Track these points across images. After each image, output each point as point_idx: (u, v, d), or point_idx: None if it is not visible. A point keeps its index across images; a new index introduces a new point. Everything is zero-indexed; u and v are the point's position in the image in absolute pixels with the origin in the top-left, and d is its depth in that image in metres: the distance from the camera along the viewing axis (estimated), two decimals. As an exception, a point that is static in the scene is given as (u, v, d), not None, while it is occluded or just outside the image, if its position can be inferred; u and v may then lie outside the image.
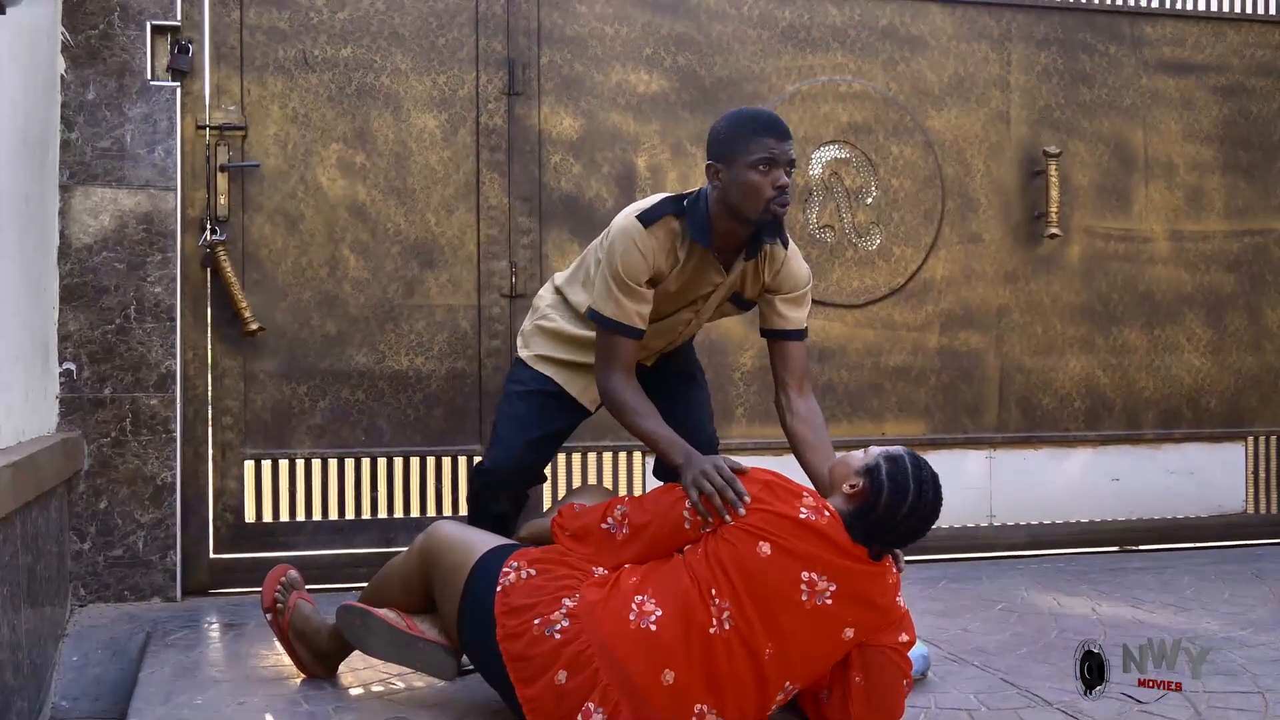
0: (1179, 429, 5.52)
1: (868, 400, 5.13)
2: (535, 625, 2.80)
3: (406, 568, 3.14)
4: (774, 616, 2.78)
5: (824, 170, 5.09)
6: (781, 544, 2.78)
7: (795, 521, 2.81)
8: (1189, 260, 5.52)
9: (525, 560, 2.94)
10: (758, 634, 2.77)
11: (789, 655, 2.81)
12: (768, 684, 2.81)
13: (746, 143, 3.16)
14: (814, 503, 2.86)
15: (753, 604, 2.77)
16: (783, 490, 2.87)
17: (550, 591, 2.86)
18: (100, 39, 4.24)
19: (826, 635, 2.83)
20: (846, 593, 2.81)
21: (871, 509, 2.86)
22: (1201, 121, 5.55)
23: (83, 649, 3.86)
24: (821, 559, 2.80)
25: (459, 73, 4.69)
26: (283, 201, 4.54)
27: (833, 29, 5.10)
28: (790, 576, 2.78)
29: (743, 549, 2.79)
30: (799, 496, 2.86)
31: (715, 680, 2.76)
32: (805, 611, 2.79)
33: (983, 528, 5.28)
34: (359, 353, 4.59)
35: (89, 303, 4.21)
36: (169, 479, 4.29)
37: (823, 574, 2.79)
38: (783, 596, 2.78)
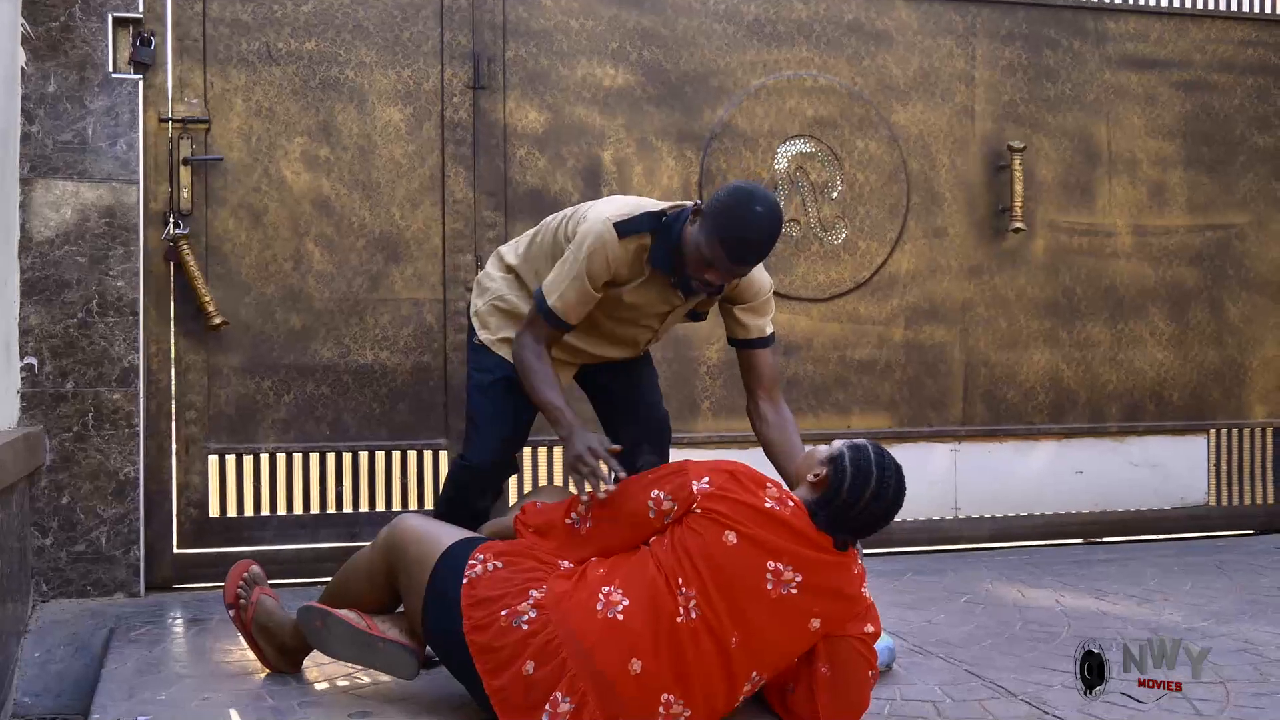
0: (1142, 422, 5.56)
1: (833, 394, 5.15)
2: (503, 616, 2.80)
3: (371, 562, 3.13)
4: (740, 606, 2.78)
5: (789, 165, 5.10)
6: (747, 533, 2.79)
7: (760, 511, 2.82)
8: (1152, 255, 5.56)
9: (491, 553, 2.94)
10: (724, 623, 2.78)
11: (755, 645, 2.82)
12: (735, 674, 2.82)
13: (718, 240, 3.11)
14: (777, 493, 2.87)
15: (719, 593, 2.78)
16: (747, 479, 2.88)
17: (517, 583, 2.86)
18: (61, 31, 4.21)
19: (793, 625, 2.84)
20: (812, 583, 2.83)
21: (835, 496, 2.88)
22: (1164, 117, 5.58)
23: (45, 645, 3.83)
24: (787, 549, 2.81)
25: (424, 66, 4.68)
26: (246, 195, 4.51)
27: (798, 24, 5.11)
28: (756, 566, 2.79)
29: (709, 538, 2.79)
30: (763, 486, 2.88)
31: (682, 670, 2.77)
32: (771, 601, 2.80)
33: (948, 520, 5.30)
34: (324, 347, 4.57)
35: (50, 297, 4.18)
36: (132, 474, 4.26)
37: (788, 564, 2.81)
38: (749, 586, 2.79)
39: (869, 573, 3.05)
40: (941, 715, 3.09)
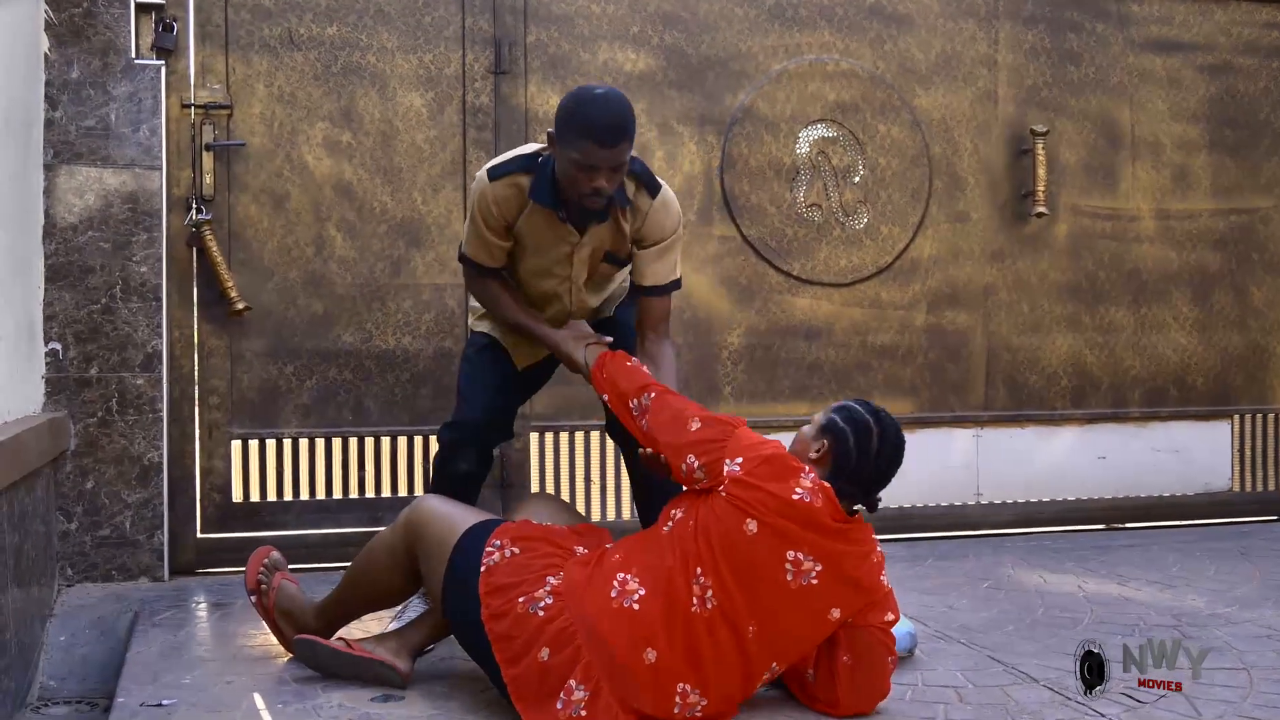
0: (1165, 407, 5.53)
1: (854, 379, 5.14)
2: (519, 604, 2.82)
3: (392, 543, 3.15)
4: (758, 595, 2.79)
5: (811, 149, 5.08)
6: (768, 522, 2.78)
7: (787, 503, 2.80)
8: (1175, 239, 5.53)
9: (509, 538, 2.95)
10: (741, 613, 2.78)
11: (773, 635, 2.82)
12: (752, 663, 2.83)
13: (572, 138, 3.16)
14: (810, 483, 2.84)
15: (736, 582, 2.78)
16: (782, 467, 2.86)
17: (535, 570, 2.87)
18: (84, 17, 4.21)
19: (812, 615, 2.85)
20: (832, 574, 2.83)
21: (846, 458, 2.90)
22: (1188, 100, 5.55)
23: (70, 629, 3.86)
24: (808, 539, 2.80)
25: (445, 51, 4.67)
26: (268, 181, 4.52)
27: (820, 7, 5.09)
28: (776, 555, 2.79)
29: (729, 524, 2.79)
30: (796, 475, 2.85)
31: (697, 660, 2.77)
32: (790, 591, 2.80)
33: (969, 506, 5.29)
34: (346, 332, 4.58)
35: (74, 282, 4.19)
36: (156, 459, 4.28)
37: (809, 554, 2.80)
38: (768, 576, 2.79)
39: (889, 558, 3.05)
40: (963, 701, 3.09)
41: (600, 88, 3.26)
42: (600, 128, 3.14)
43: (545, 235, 3.43)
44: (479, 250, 3.49)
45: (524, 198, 3.37)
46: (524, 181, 3.37)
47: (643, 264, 3.50)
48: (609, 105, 3.19)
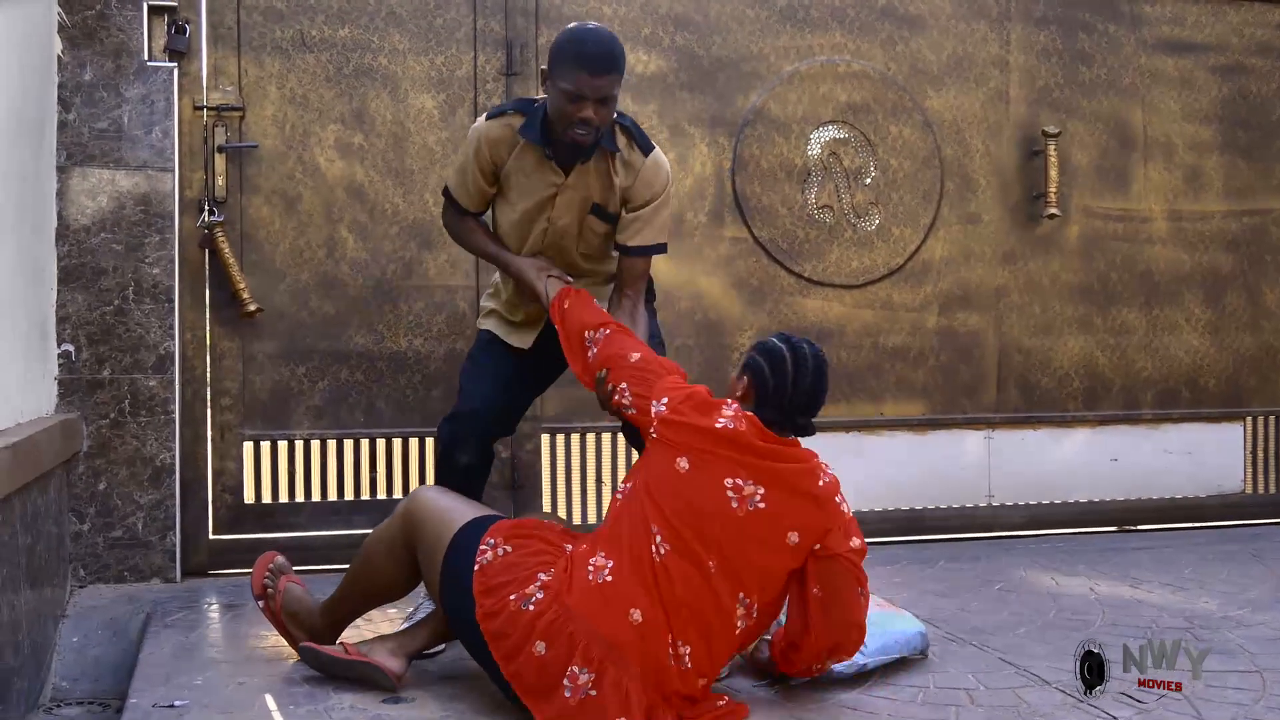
0: (1177, 409, 5.52)
1: (866, 381, 5.13)
2: (512, 601, 2.86)
3: (391, 536, 3.18)
4: (708, 529, 2.85)
5: (822, 150, 5.08)
6: (698, 454, 2.88)
7: (710, 431, 2.90)
8: (1188, 240, 5.52)
9: (501, 536, 2.98)
10: (695, 550, 2.84)
11: (733, 566, 2.86)
12: (720, 598, 2.86)
13: (564, 69, 3.30)
14: (732, 413, 2.93)
15: (681, 521, 2.84)
16: (703, 402, 2.97)
17: (527, 568, 2.91)
18: (97, 19, 4.23)
19: (768, 540, 2.89)
20: (778, 493, 2.89)
21: (767, 391, 2.98)
22: (1201, 101, 5.54)
23: (83, 630, 3.87)
24: (742, 462, 2.88)
25: (457, 53, 4.68)
26: (281, 182, 4.53)
27: (831, 8, 5.09)
28: (715, 486, 2.86)
29: (663, 467, 2.89)
30: (718, 407, 2.94)
31: (673, 606, 2.82)
32: (739, 519, 2.86)
33: (981, 508, 5.28)
34: (358, 334, 4.59)
35: (87, 284, 4.21)
36: (168, 460, 4.29)
37: (747, 478, 2.87)
38: (712, 508, 2.86)
39: (899, 560, 3.05)
40: (975, 703, 3.09)
41: (592, 24, 3.43)
42: (590, 56, 3.28)
43: (532, 177, 3.51)
44: (460, 188, 3.62)
45: (515, 137, 3.47)
46: (516, 122, 3.48)
47: (630, 223, 3.56)
48: (600, 37, 3.34)
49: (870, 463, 5.12)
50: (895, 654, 3.33)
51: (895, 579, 4.42)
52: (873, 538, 5.01)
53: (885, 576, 4.43)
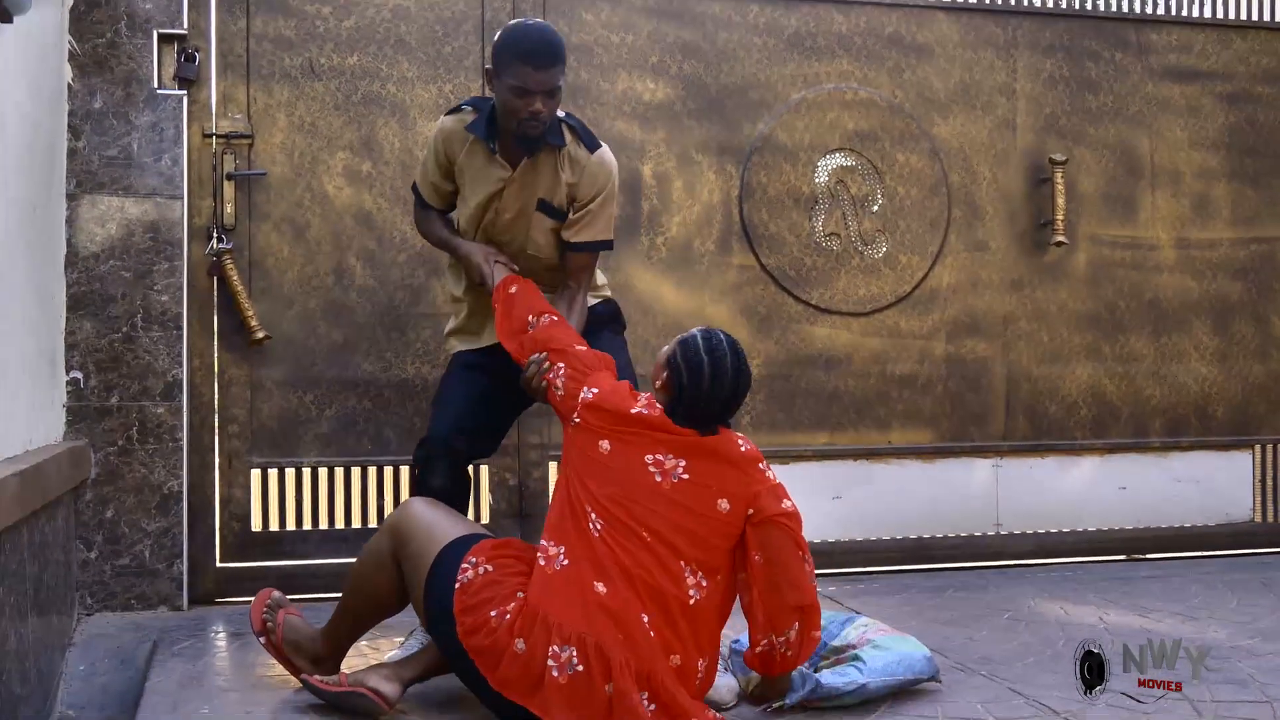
0: (1186, 437, 5.51)
1: (874, 408, 5.13)
2: (492, 618, 2.91)
3: (380, 550, 3.21)
4: (635, 503, 2.97)
5: (830, 178, 5.09)
6: (619, 438, 3.02)
7: (628, 415, 3.05)
8: (1196, 268, 5.52)
9: (483, 556, 3.03)
10: (627, 523, 2.95)
11: (667, 536, 2.96)
12: (665, 564, 2.95)
13: (509, 65, 3.41)
14: (646, 402, 3.09)
15: (610, 500, 2.97)
16: (625, 392, 3.13)
17: (507, 587, 2.97)
18: (107, 48, 4.25)
19: (696, 508, 3.00)
20: (698, 462, 3.03)
21: (682, 392, 3.07)
22: (1208, 129, 5.54)
23: (89, 658, 3.86)
24: (661, 440, 3.03)
25: (465, 81, 4.69)
26: (289, 210, 4.54)
27: (838, 37, 5.10)
28: (636, 463, 3.00)
29: (587, 451, 3.05)
30: (636, 398, 3.10)
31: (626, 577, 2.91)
32: (664, 491, 2.99)
33: (989, 536, 5.27)
34: (366, 361, 4.59)
35: (96, 311, 4.21)
36: (175, 488, 4.28)
37: (667, 452, 3.02)
38: (637, 483, 2.99)
39: (908, 588, 3.05)
40: (984, 734, 3.08)
41: (532, 19, 3.65)
42: (533, 52, 3.39)
43: (481, 172, 3.63)
44: (423, 183, 3.80)
45: (466, 133, 3.60)
46: (469, 116, 3.62)
47: (576, 220, 3.66)
48: (541, 31, 3.48)
49: (878, 491, 5.11)
50: (900, 675, 3.29)
51: (904, 608, 4.41)
52: (880, 566, 5.07)
53: (894, 605, 4.42)
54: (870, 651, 3.30)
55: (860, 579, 4.95)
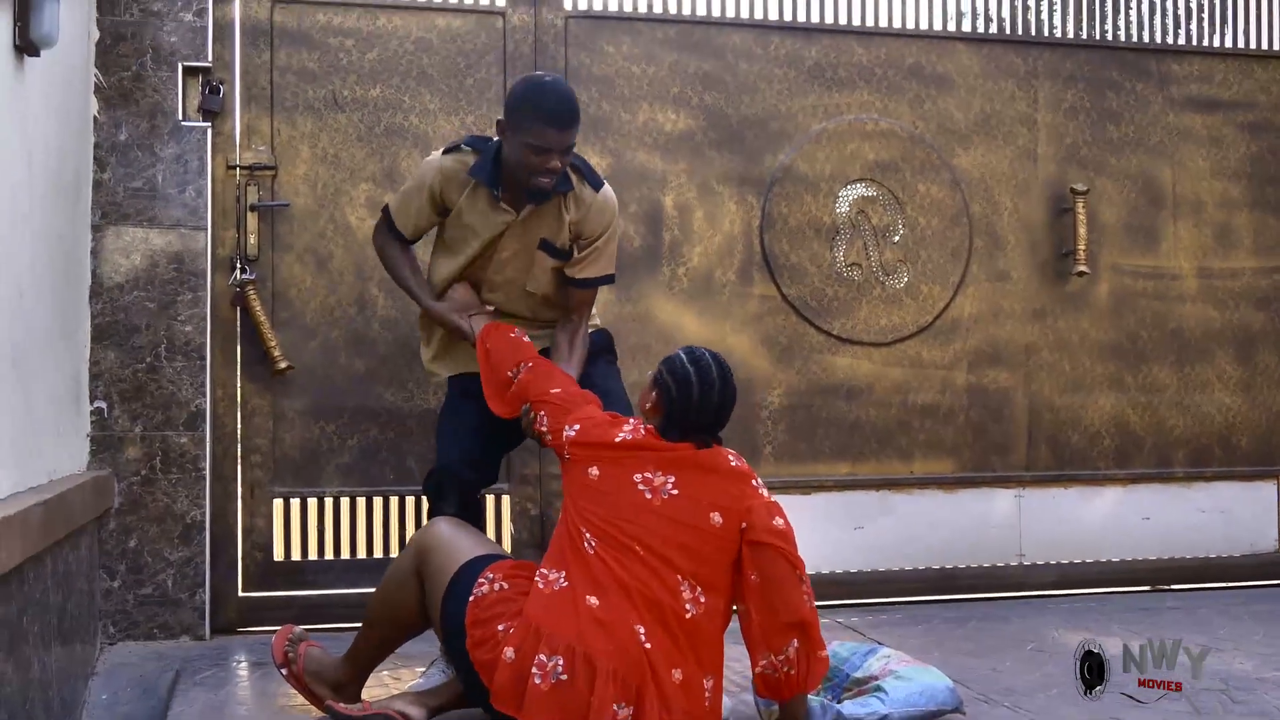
0: (1210, 467, 5.48)
1: (895, 438, 5.12)
2: (499, 632, 2.95)
3: (403, 566, 3.25)
4: (628, 521, 3.00)
5: (851, 208, 5.09)
6: (606, 464, 3.08)
7: (614, 445, 3.10)
8: (1218, 298, 5.50)
9: (500, 573, 3.07)
10: (620, 540, 2.97)
11: (661, 550, 2.98)
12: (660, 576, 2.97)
13: (528, 123, 3.39)
14: (631, 427, 3.14)
15: (604, 521, 3.01)
16: (609, 424, 3.20)
17: (518, 602, 2.99)
18: (133, 80, 4.28)
19: (689, 522, 3.02)
20: (688, 476, 3.06)
21: (673, 408, 3.11)
22: (1230, 158, 5.54)
23: (112, 687, 3.86)
24: (649, 459, 3.07)
25: (487, 113, 4.71)
26: (312, 241, 4.56)
27: (859, 68, 5.12)
28: (625, 483, 3.04)
29: (578, 479, 3.10)
30: (620, 425, 3.16)
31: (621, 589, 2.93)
32: (655, 508, 3.01)
33: (1012, 567, 5.24)
34: (388, 391, 4.60)
35: (120, 341, 4.24)
36: (198, 517, 4.30)
37: (655, 470, 3.05)
38: (627, 503, 3.02)
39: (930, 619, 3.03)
40: (1008, 765, 3.06)
41: (548, 76, 3.61)
42: (553, 112, 3.39)
43: (483, 215, 3.62)
44: (401, 212, 3.77)
45: (467, 176, 3.59)
46: (470, 160, 3.60)
47: (582, 258, 3.67)
48: (559, 91, 3.47)
49: (900, 521, 5.10)
50: (922, 706, 3.27)
51: (926, 638, 4.39)
52: (903, 597, 5.06)
53: (917, 636, 4.40)
54: (893, 682, 3.28)
55: (882, 610, 4.93)
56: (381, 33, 4.64)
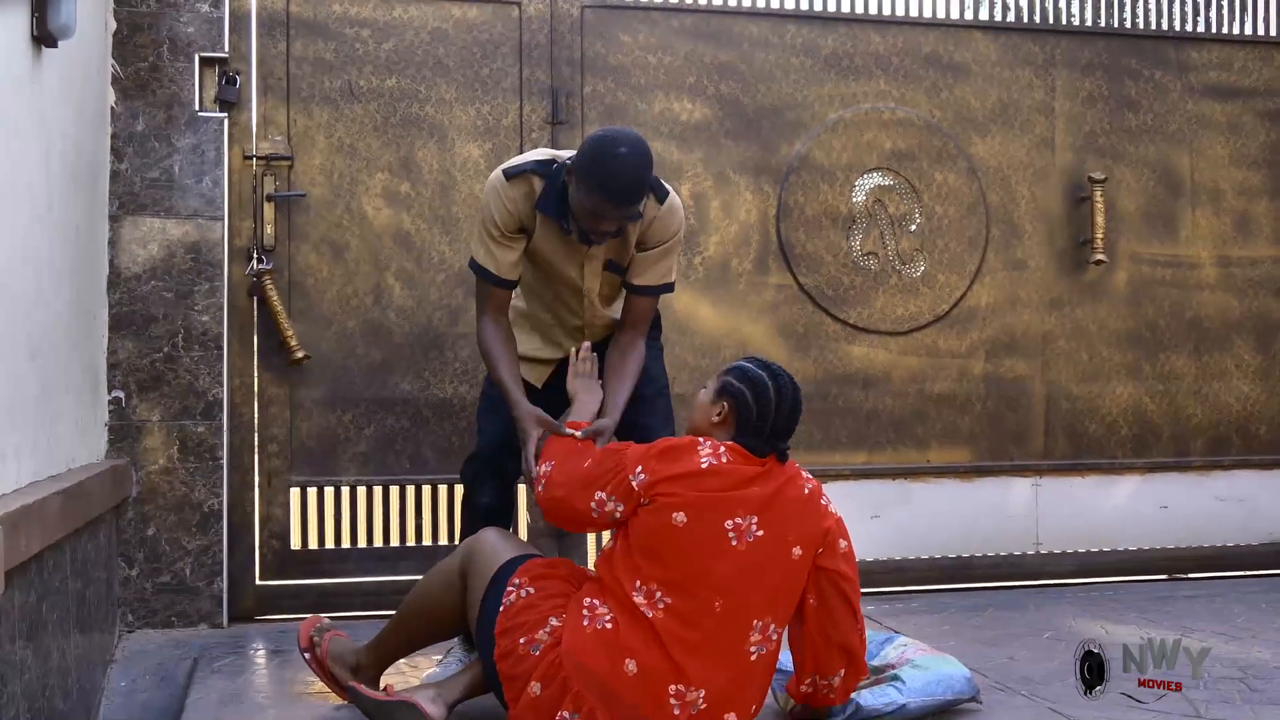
0: (1228, 455, 5.47)
1: (912, 428, 5.11)
2: (522, 644, 2.89)
3: (450, 565, 3.20)
4: (710, 573, 2.84)
5: (867, 198, 5.08)
6: (694, 505, 2.84)
7: (698, 472, 2.87)
8: (1237, 286, 5.48)
9: (528, 576, 3.01)
10: (700, 596, 2.83)
11: (742, 599, 2.87)
12: (733, 632, 2.87)
13: (590, 189, 3.19)
14: (710, 449, 2.91)
15: (682, 574, 2.84)
16: (678, 451, 2.92)
17: (543, 611, 2.93)
18: (150, 71, 4.29)
19: (772, 563, 2.90)
20: (771, 515, 2.89)
21: (750, 416, 2.98)
22: (1249, 146, 5.51)
23: (130, 675, 3.88)
24: (740, 499, 2.87)
25: (503, 102, 4.72)
26: (328, 231, 4.57)
27: (875, 56, 5.10)
28: (715, 531, 2.85)
29: (657, 525, 2.86)
30: (694, 449, 2.92)
31: (677, 659, 2.81)
32: (740, 553, 2.85)
33: (1029, 556, 5.24)
34: (404, 380, 4.62)
35: (138, 331, 4.25)
36: (216, 506, 4.31)
37: (745, 514, 2.87)
38: (713, 552, 2.84)
39: (947, 608, 3.03)
40: (1024, 753, 3.06)
41: (624, 143, 3.20)
42: (616, 190, 3.18)
43: (557, 245, 3.47)
44: (490, 259, 3.47)
45: (533, 204, 3.42)
46: (538, 184, 3.41)
47: (640, 265, 3.53)
48: (627, 168, 3.19)
49: (917, 510, 5.09)
50: (939, 695, 3.27)
51: (943, 627, 4.39)
52: (920, 585, 5.05)
53: (933, 625, 4.40)
54: (910, 671, 3.28)
55: (899, 598, 4.93)
56: (397, 23, 4.65)
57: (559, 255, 3.49)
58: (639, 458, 2.94)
